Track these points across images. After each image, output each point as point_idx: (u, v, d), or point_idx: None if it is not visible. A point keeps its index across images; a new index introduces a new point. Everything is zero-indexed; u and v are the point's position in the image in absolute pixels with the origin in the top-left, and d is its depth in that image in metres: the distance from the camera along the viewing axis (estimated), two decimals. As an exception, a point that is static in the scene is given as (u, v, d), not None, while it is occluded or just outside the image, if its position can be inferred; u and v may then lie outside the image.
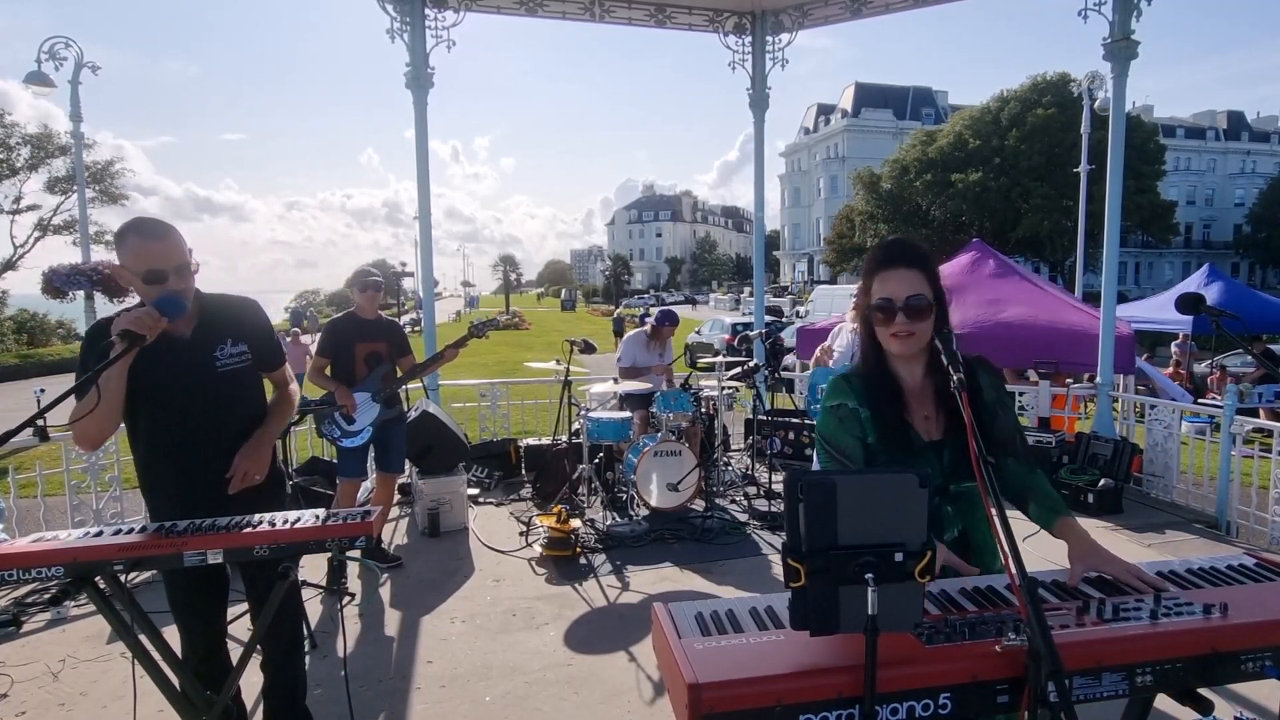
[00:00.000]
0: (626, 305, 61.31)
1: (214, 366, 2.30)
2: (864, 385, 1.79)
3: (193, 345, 2.28)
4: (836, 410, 1.80)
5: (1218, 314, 2.17)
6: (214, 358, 2.31)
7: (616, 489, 5.96)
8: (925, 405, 1.77)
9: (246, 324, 2.41)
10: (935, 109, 62.66)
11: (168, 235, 2.16)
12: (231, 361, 2.34)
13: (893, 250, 1.76)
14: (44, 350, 23.00)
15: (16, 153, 26.13)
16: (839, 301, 20.07)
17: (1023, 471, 1.77)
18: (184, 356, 2.26)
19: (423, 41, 6.61)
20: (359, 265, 4.96)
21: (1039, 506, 1.73)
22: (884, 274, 1.73)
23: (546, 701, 3.23)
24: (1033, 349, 7.32)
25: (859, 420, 1.78)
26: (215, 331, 2.32)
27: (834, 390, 1.83)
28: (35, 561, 1.90)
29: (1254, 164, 63.12)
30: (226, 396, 2.34)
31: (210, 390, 2.30)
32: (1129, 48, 6.19)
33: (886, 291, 1.71)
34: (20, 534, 4.63)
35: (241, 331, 2.38)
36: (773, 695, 1.20)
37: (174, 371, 2.24)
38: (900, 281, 1.70)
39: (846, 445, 1.78)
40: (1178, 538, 5.34)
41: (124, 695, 3.23)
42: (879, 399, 1.76)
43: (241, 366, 2.37)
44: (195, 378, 2.27)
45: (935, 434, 1.75)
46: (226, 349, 2.33)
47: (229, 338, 2.34)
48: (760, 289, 8.76)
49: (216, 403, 2.31)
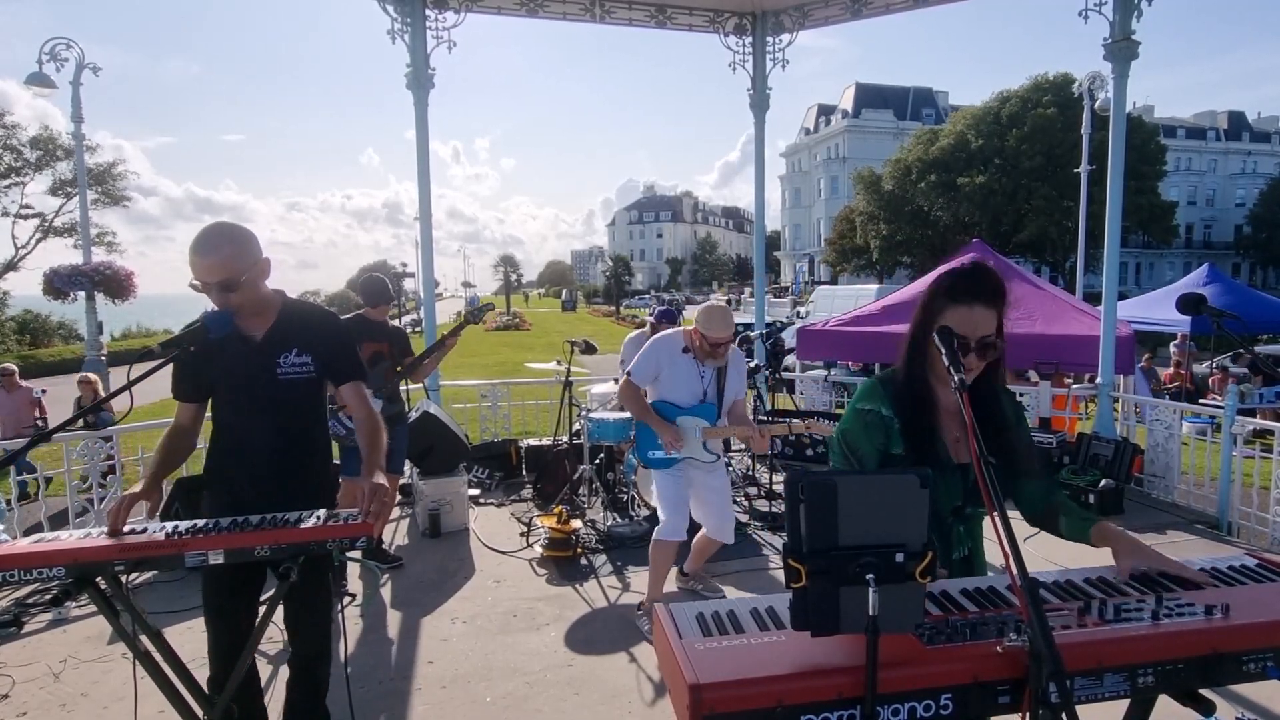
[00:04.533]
0: (627, 306, 61.31)
1: (275, 373, 2.32)
2: (898, 394, 1.77)
3: (260, 348, 2.31)
4: (864, 415, 1.78)
5: (1218, 314, 2.17)
6: (276, 364, 2.32)
7: (617, 490, 5.96)
8: (956, 426, 1.76)
9: (316, 336, 2.39)
10: (936, 109, 62.63)
11: (215, 252, 2.16)
12: (293, 371, 2.34)
13: (979, 285, 1.66)
14: (45, 351, 23.02)
15: (22, 157, 26.18)
16: (840, 302, 20.07)
17: (1043, 490, 1.80)
18: (251, 357, 2.30)
19: (423, 42, 6.61)
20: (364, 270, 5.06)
21: (1071, 520, 1.75)
22: (961, 308, 1.65)
23: (547, 702, 3.23)
24: (1033, 350, 7.33)
25: (885, 428, 1.75)
26: (283, 338, 2.33)
27: (867, 393, 1.81)
28: (36, 562, 1.89)
29: (1255, 164, 63.05)
30: (284, 404, 2.34)
31: (269, 395, 2.32)
32: (1129, 48, 6.19)
33: (960, 326, 1.63)
34: (21, 534, 4.63)
35: (309, 343, 2.36)
36: (774, 696, 1.20)
37: (238, 370, 2.30)
38: (976, 318, 1.64)
39: (864, 452, 1.76)
40: (1179, 538, 5.33)
41: (125, 696, 3.23)
42: (912, 411, 1.75)
43: (303, 377, 2.36)
44: (256, 380, 2.31)
45: (963, 456, 1.75)
46: (290, 357, 2.33)
47: (295, 347, 2.34)
48: (761, 289, 8.76)
49: (272, 408, 2.33)
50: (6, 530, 4.69)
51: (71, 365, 17.52)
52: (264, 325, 2.33)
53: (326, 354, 2.40)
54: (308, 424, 2.43)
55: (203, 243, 2.17)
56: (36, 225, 27.48)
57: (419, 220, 7.38)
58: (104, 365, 11.98)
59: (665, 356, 3.84)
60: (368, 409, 2.47)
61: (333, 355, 2.42)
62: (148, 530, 2.05)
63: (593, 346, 6.51)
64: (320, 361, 2.38)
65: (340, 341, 2.46)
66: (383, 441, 2.43)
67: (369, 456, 2.36)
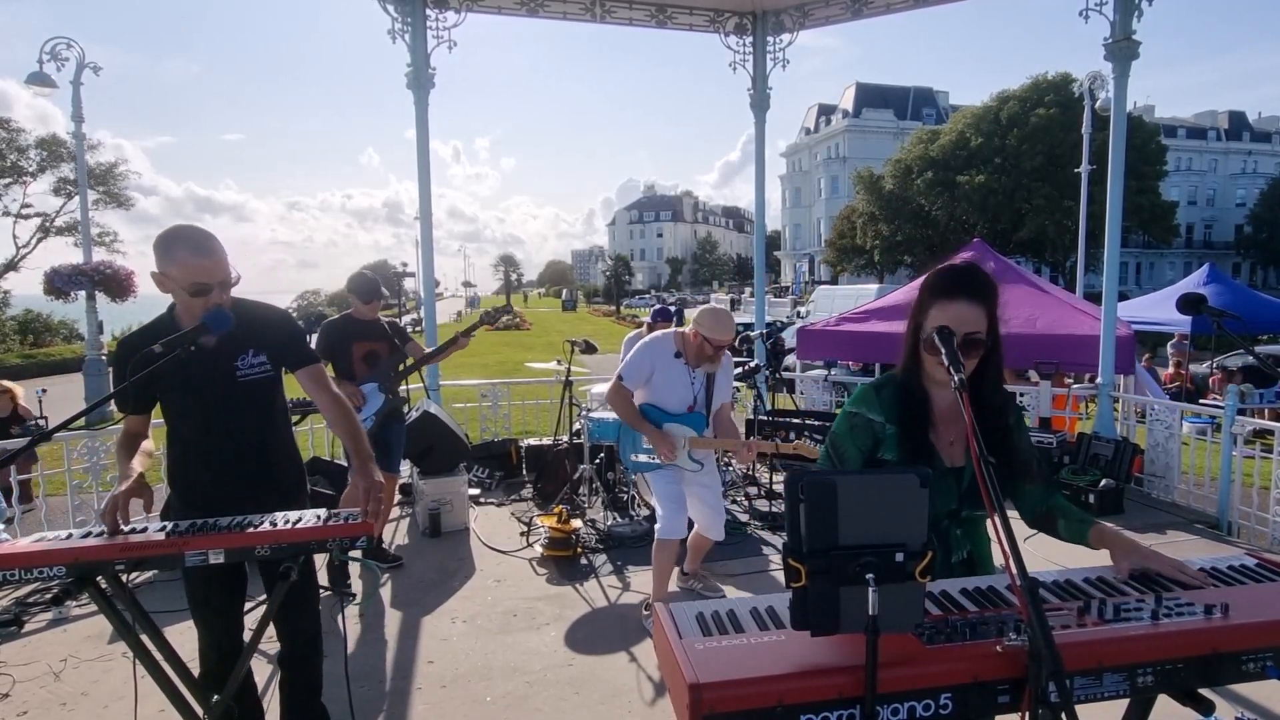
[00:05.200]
0: (627, 306, 61.29)
1: (235, 376, 2.30)
2: (893, 399, 1.77)
3: (215, 353, 2.28)
4: (852, 418, 1.81)
5: (1219, 314, 2.17)
6: (234, 367, 2.30)
7: (617, 489, 5.96)
8: (952, 430, 1.77)
9: (268, 334, 2.37)
10: (936, 109, 62.61)
11: (215, 252, 2.18)
12: (252, 372, 2.33)
13: (961, 281, 1.68)
14: (46, 350, 23.01)
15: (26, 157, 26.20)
16: (840, 302, 20.05)
17: (1042, 494, 1.80)
18: (206, 364, 2.27)
19: (424, 42, 6.61)
20: (358, 268, 5.01)
21: (1069, 522, 1.76)
22: (946, 304, 1.67)
23: (547, 702, 3.23)
24: (1033, 350, 7.33)
25: (872, 433, 1.77)
26: (238, 341, 2.31)
27: (859, 398, 1.82)
28: (37, 561, 1.90)
29: (1255, 164, 63.00)
30: (247, 405, 2.33)
31: (231, 399, 2.30)
32: (1130, 48, 6.19)
33: (946, 321, 1.64)
34: (22, 534, 4.64)
35: (262, 342, 2.35)
36: (773, 695, 1.20)
37: (196, 378, 2.27)
38: (962, 314, 1.65)
39: (848, 454, 1.80)
40: (1179, 538, 5.33)
41: (125, 695, 3.24)
42: (906, 415, 1.75)
43: (262, 377, 2.35)
44: (216, 386, 2.29)
45: (958, 460, 1.76)
46: (247, 359, 2.32)
47: (250, 348, 2.33)
48: (761, 289, 8.75)
49: (237, 411, 2.32)
50: (7, 530, 4.70)
51: (72, 365, 17.51)
52: None
53: (277, 348, 2.39)
54: (270, 424, 2.41)
55: (201, 244, 2.17)
56: (37, 225, 27.51)
57: (419, 220, 7.38)
58: (104, 365, 12.01)
59: (658, 360, 3.75)
60: (330, 395, 2.44)
61: (282, 347, 2.40)
62: (147, 530, 2.06)
63: (593, 346, 6.51)
64: (274, 358, 2.37)
65: (287, 331, 2.43)
66: (358, 427, 2.43)
67: (355, 449, 2.36)
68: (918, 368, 1.76)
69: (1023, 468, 1.78)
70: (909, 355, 1.76)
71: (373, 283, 4.78)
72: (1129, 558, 1.62)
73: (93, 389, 11.86)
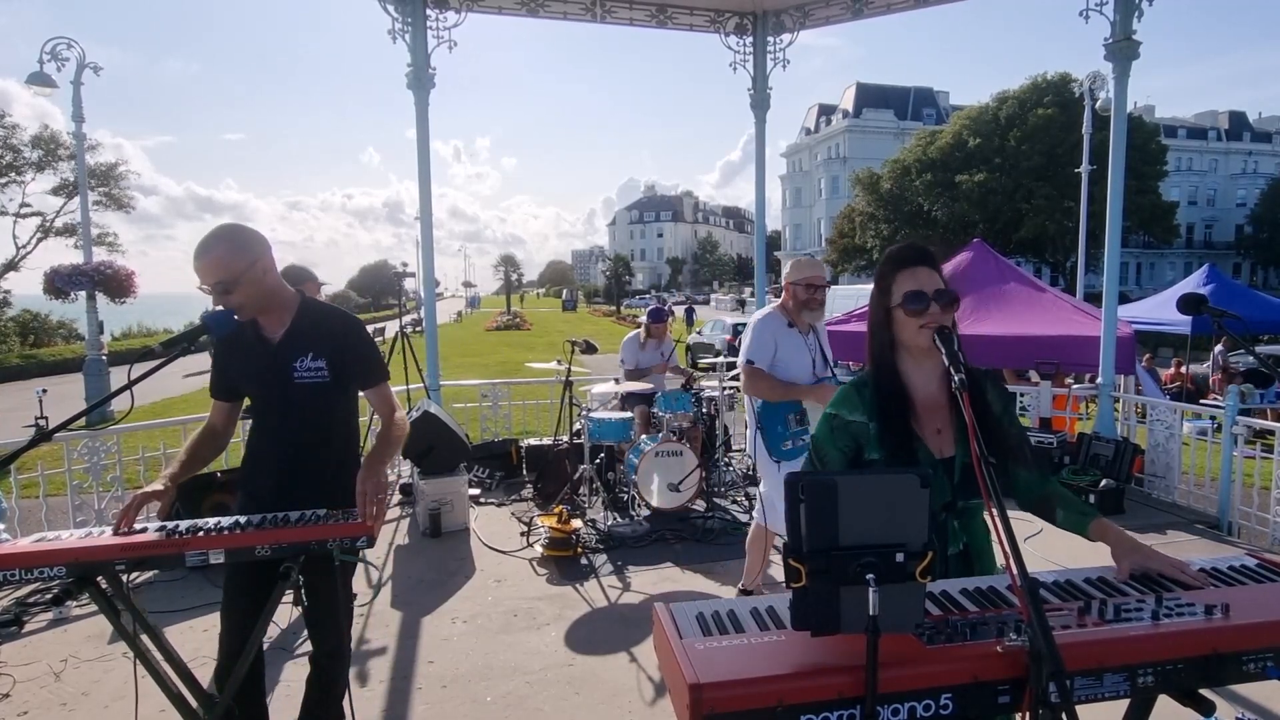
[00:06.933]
0: (628, 305, 61.28)
1: (291, 377, 2.30)
2: (874, 396, 1.77)
3: (277, 350, 2.30)
4: (831, 420, 1.82)
5: (1219, 314, 2.17)
6: (292, 368, 2.30)
7: (618, 489, 5.96)
8: (937, 418, 1.76)
9: (331, 341, 2.33)
10: (936, 109, 62.59)
11: (206, 253, 2.15)
12: (308, 375, 2.30)
13: (913, 251, 1.79)
14: (46, 350, 23.01)
15: (24, 156, 26.17)
16: (840, 302, 20.01)
17: (1036, 480, 1.78)
18: (268, 360, 2.30)
19: (424, 42, 6.61)
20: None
21: (1068, 512, 1.74)
22: (907, 272, 1.75)
23: (547, 702, 3.23)
24: (1033, 350, 7.33)
25: (853, 434, 1.77)
26: (299, 342, 2.30)
27: (839, 399, 1.82)
28: (37, 561, 1.90)
29: (1255, 164, 63.02)
30: (301, 408, 2.32)
31: (286, 398, 2.31)
32: (1130, 48, 6.19)
33: (917, 285, 1.72)
34: (22, 534, 4.64)
35: (323, 348, 2.31)
36: (774, 695, 1.20)
37: (258, 372, 2.31)
38: (926, 277, 1.73)
39: (828, 456, 1.81)
40: (1179, 538, 5.33)
41: (125, 695, 3.24)
42: (886, 410, 1.74)
43: (318, 382, 2.31)
44: (274, 382, 2.30)
45: (947, 450, 1.74)
46: (305, 362, 2.30)
47: (310, 351, 2.30)
48: (762, 289, 8.74)
49: (290, 411, 2.31)
50: (8, 530, 4.70)
51: (73, 365, 17.49)
52: (281, 327, 2.31)
53: (338, 359, 2.33)
54: (324, 429, 2.37)
55: (199, 244, 2.18)
56: (37, 225, 27.50)
57: (420, 219, 7.39)
58: (104, 364, 12.02)
59: (777, 334, 3.66)
60: (388, 413, 2.44)
61: (345, 360, 2.35)
62: (148, 530, 2.06)
63: (593, 346, 6.51)
64: (333, 365, 2.32)
65: (351, 344, 2.37)
66: (395, 449, 2.45)
67: (376, 453, 2.35)
68: (892, 347, 1.76)
69: (1014, 452, 1.77)
70: (880, 330, 1.78)
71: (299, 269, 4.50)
72: (1129, 558, 1.61)
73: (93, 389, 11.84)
